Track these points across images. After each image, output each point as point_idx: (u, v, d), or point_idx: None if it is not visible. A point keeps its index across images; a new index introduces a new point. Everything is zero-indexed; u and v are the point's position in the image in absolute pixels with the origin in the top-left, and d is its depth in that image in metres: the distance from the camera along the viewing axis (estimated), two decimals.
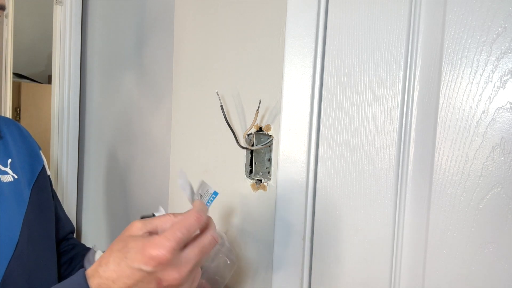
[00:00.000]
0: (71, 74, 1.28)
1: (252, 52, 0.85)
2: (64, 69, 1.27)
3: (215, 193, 0.65)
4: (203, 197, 0.65)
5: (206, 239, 0.56)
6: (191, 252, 0.54)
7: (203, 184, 0.66)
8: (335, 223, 0.76)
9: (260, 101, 0.82)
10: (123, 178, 1.19)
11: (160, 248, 0.51)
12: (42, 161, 0.87)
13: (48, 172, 0.89)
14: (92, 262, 0.75)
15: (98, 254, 0.77)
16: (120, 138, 1.20)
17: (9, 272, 0.71)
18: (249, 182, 0.87)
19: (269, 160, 0.85)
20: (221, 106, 0.83)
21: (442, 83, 0.65)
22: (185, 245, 0.54)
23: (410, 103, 0.68)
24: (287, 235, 0.80)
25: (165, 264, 0.51)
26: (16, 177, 0.78)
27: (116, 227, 1.23)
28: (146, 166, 1.11)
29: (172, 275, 0.51)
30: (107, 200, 1.26)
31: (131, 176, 1.16)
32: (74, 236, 1.02)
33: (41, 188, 0.83)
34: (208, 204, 0.64)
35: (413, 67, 0.67)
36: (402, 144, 0.69)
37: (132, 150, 1.16)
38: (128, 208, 1.18)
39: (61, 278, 0.87)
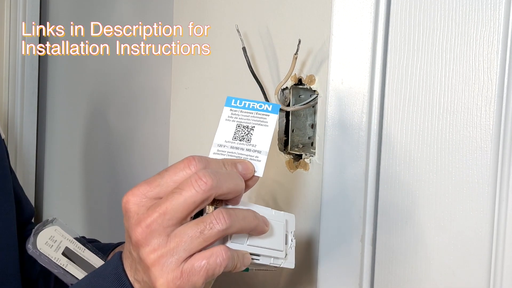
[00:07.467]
0: None
1: None
2: None
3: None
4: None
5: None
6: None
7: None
8: (407, 218, 0.72)
9: (299, 41, 0.76)
10: (106, 141, 1.22)
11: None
12: None
13: (3, 135, 0.87)
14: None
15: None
16: (103, 88, 1.22)
17: None
18: (284, 158, 0.83)
19: (313, 126, 0.82)
20: (243, 48, 0.79)
21: None
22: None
23: None
24: (338, 233, 0.78)
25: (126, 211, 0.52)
26: None
27: (95, 213, 1.27)
28: (139, 128, 1.14)
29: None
30: (81, 173, 1.29)
31: (118, 139, 1.20)
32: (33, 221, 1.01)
33: None
34: None
35: None
36: (504, 104, 0.64)
37: (121, 107, 1.18)
38: (111, 182, 1.21)
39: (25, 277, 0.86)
